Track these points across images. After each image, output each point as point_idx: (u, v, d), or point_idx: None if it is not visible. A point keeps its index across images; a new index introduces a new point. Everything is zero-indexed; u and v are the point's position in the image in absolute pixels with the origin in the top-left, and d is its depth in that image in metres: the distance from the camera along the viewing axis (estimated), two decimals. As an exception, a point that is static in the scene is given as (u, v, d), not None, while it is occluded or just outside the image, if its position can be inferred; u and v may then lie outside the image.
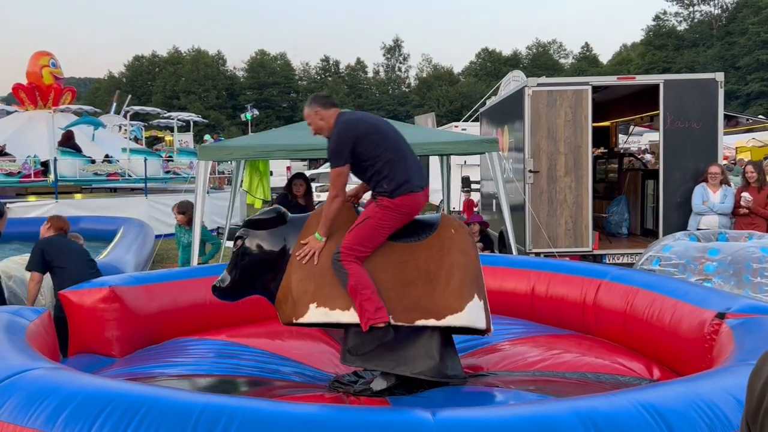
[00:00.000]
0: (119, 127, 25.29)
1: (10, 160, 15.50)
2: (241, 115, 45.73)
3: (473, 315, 3.91)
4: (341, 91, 72.17)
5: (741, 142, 20.80)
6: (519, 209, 8.67)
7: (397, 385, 3.92)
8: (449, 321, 3.87)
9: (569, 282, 5.32)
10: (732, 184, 8.48)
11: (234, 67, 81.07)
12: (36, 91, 20.63)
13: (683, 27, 69.21)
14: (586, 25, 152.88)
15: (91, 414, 2.39)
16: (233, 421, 2.33)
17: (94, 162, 16.38)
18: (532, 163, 8.45)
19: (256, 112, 49.38)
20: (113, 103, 33.53)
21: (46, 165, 15.52)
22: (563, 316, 5.27)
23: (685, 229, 7.76)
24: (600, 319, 4.98)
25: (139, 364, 4.34)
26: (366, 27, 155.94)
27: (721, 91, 8.42)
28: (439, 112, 50.90)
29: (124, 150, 17.71)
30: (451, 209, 11.25)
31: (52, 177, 15.07)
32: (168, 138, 29.79)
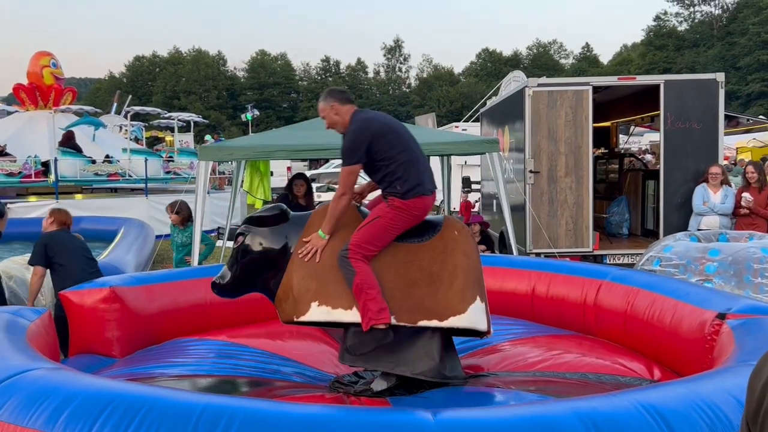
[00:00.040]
0: (120, 128, 25.30)
1: (10, 161, 15.50)
2: (242, 116, 45.73)
3: (475, 317, 3.91)
4: (342, 92, 72.03)
5: (741, 143, 20.81)
6: (519, 209, 8.67)
7: (397, 385, 3.92)
8: (452, 322, 3.86)
9: (570, 282, 5.32)
10: (732, 185, 8.48)
11: (234, 68, 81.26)
12: (36, 92, 20.62)
13: (684, 27, 69.23)
14: (586, 26, 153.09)
15: (91, 414, 2.39)
16: (233, 422, 2.33)
17: (94, 162, 16.37)
18: (533, 163, 8.45)
19: (257, 112, 49.38)
20: (114, 104, 33.56)
21: (46, 165, 15.51)
22: (564, 317, 5.27)
23: (685, 229, 7.76)
24: (600, 320, 4.98)
25: (140, 365, 4.34)
26: (366, 27, 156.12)
27: (721, 92, 8.42)
28: (439, 113, 50.91)
29: (125, 150, 17.70)
30: (451, 210, 11.25)
31: (52, 177, 15.06)
32: (168, 138, 29.79)
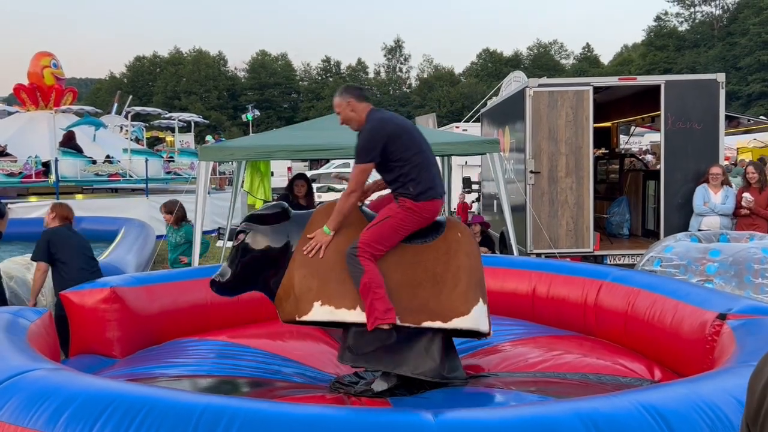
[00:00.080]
0: (120, 128, 25.30)
1: (11, 161, 15.51)
2: (242, 116, 45.71)
3: (478, 318, 3.92)
4: (342, 92, 72.02)
5: (742, 143, 20.80)
6: (520, 210, 8.66)
7: (398, 385, 3.92)
8: (455, 324, 3.86)
9: (570, 283, 5.32)
10: (733, 185, 8.47)
11: (235, 68, 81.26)
12: (37, 92, 20.62)
13: (684, 28, 69.20)
14: (587, 26, 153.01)
15: (92, 415, 2.39)
16: (234, 422, 2.33)
17: (95, 162, 16.37)
18: (533, 163, 8.45)
19: (257, 112, 49.35)
20: (114, 104, 33.57)
21: (47, 165, 15.52)
22: (564, 317, 5.27)
23: (686, 229, 7.76)
24: (601, 320, 4.97)
25: (140, 365, 4.34)
26: (367, 27, 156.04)
27: (722, 92, 8.42)
28: (440, 113, 50.88)
29: (125, 150, 17.69)
30: (452, 210, 11.24)
31: (53, 177, 15.07)
32: (169, 138, 29.77)
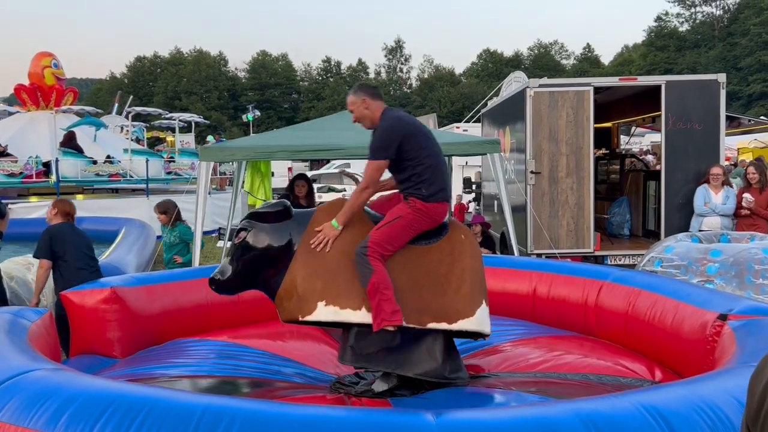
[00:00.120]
0: (121, 128, 25.31)
1: (11, 161, 15.51)
2: (243, 116, 45.67)
3: (482, 320, 3.94)
4: (343, 92, 71.98)
5: (743, 143, 20.78)
6: (520, 210, 8.66)
7: (398, 386, 3.92)
8: (460, 325, 3.86)
9: (571, 283, 5.32)
10: (734, 186, 8.47)
11: (236, 68, 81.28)
12: (38, 92, 20.63)
13: (685, 28, 69.17)
14: (587, 26, 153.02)
15: (92, 415, 2.38)
16: (234, 423, 2.33)
17: (95, 163, 16.38)
18: (534, 164, 8.44)
19: (258, 112, 49.31)
20: (115, 104, 33.57)
21: (47, 166, 15.52)
22: (565, 318, 5.26)
23: (686, 230, 7.75)
24: (602, 321, 4.97)
25: (141, 365, 4.34)
26: (367, 28, 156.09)
27: (722, 92, 8.42)
28: (440, 113, 50.85)
29: (126, 151, 17.70)
30: (449, 211, 11.24)
31: (53, 178, 15.07)
32: (169, 139, 29.78)
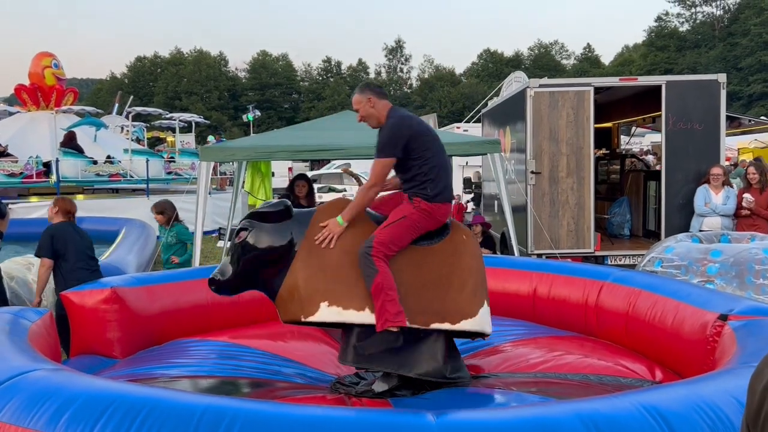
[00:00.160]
0: (121, 128, 25.31)
1: (12, 161, 15.51)
2: (243, 116, 45.67)
3: (484, 320, 3.95)
4: (343, 92, 72.13)
5: (743, 144, 20.77)
6: (521, 210, 8.66)
7: (399, 386, 3.92)
8: (463, 325, 3.87)
9: (571, 283, 5.32)
10: (734, 186, 8.47)
11: (236, 68, 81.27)
12: (38, 92, 20.63)
13: (685, 28, 69.15)
14: (587, 26, 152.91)
15: (92, 415, 2.38)
16: (235, 423, 2.33)
17: (96, 163, 16.38)
18: (534, 164, 8.44)
19: (258, 113, 49.30)
20: (115, 104, 33.57)
21: (48, 166, 15.52)
22: (565, 318, 5.26)
23: (687, 230, 7.75)
24: (602, 321, 4.97)
25: (141, 365, 4.34)
26: (368, 28, 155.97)
27: (723, 93, 8.42)
28: (440, 113, 50.86)
29: (126, 151, 17.71)
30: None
31: (54, 178, 15.07)
32: (170, 139, 29.79)
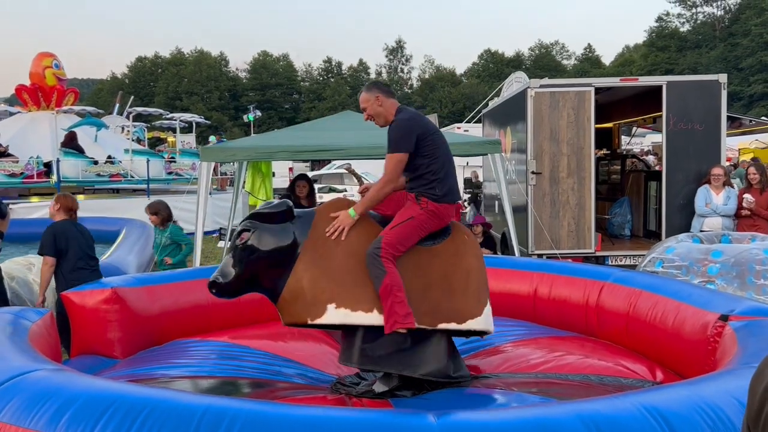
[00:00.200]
0: (122, 128, 25.32)
1: (12, 161, 15.52)
2: (244, 117, 45.71)
3: (488, 319, 3.98)
4: (343, 93, 72.17)
5: (744, 144, 20.78)
6: (521, 211, 8.66)
7: (399, 386, 3.91)
8: (469, 325, 3.88)
9: (572, 284, 5.31)
10: (735, 186, 8.46)
11: (236, 68, 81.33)
12: (39, 92, 20.65)
13: (686, 28, 69.17)
14: (588, 27, 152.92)
15: (93, 416, 2.38)
16: (235, 423, 2.33)
17: (96, 163, 16.40)
18: (535, 164, 8.44)
19: (259, 113, 49.34)
20: (116, 104, 33.58)
21: (48, 166, 15.53)
22: (566, 318, 5.26)
23: (688, 230, 7.75)
24: (603, 321, 4.97)
25: (142, 366, 4.34)
26: (368, 28, 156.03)
27: (724, 93, 8.41)
28: (441, 114, 50.90)
29: (127, 151, 17.72)
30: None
31: (54, 178, 15.08)
32: (170, 139, 29.80)
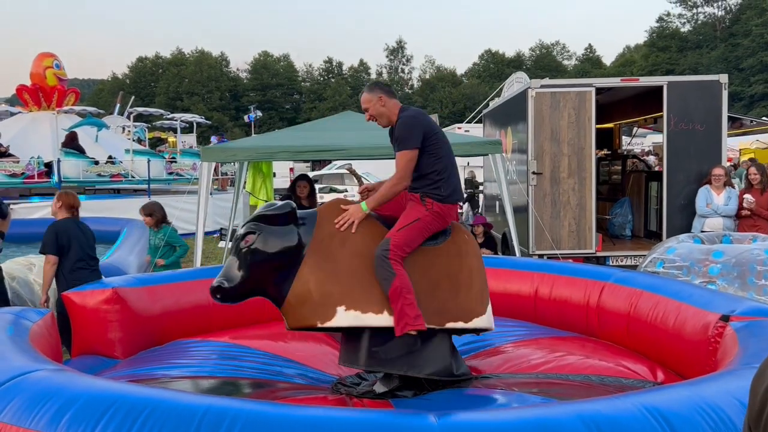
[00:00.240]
0: (122, 129, 25.32)
1: (13, 161, 15.54)
2: (245, 117, 45.76)
3: (491, 317, 4.02)
4: (344, 93, 72.18)
5: (744, 144, 20.78)
6: (522, 211, 8.66)
7: (400, 387, 3.91)
8: (475, 323, 3.92)
9: (573, 284, 5.31)
10: (736, 187, 8.46)
11: (237, 69, 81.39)
12: (40, 93, 20.66)
13: (687, 29, 69.18)
14: (589, 27, 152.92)
15: (94, 416, 2.38)
16: (236, 423, 2.33)
17: (97, 163, 16.41)
18: (536, 164, 8.44)
19: (259, 113, 49.37)
20: (117, 105, 33.57)
21: (49, 166, 15.54)
22: (567, 319, 5.26)
23: (689, 231, 7.74)
24: (604, 322, 4.96)
25: (142, 366, 4.34)
26: (369, 28, 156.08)
27: (724, 93, 8.41)
28: (442, 114, 50.93)
29: (128, 151, 17.72)
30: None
31: (55, 178, 15.09)
32: (171, 139, 29.81)
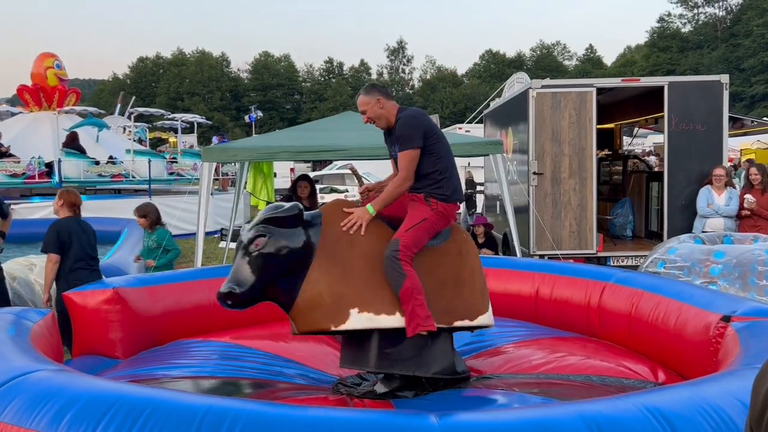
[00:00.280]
0: (123, 129, 25.32)
1: (14, 161, 15.56)
2: (245, 117, 45.78)
3: (491, 315, 4.06)
4: (345, 93, 72.18)
5: (746, 145, 20.77)
6: (523, 211, 8.65)
7: (401, 387, 3.91)
8: (480, 321, 3.97)
9: (573, 284, 5.31)
10: (736, 187, 8.45)
11: (238, 69, 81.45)
12: (40, 93, 20.67)
13: (688, 29, 69.16)
14: (589, 27, 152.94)
15: (94, 416, 2.38)
16: (237, 424, 2.33)
17: (98, 163, 16.42)
18: (537, 165, 8.43)
19: (260, 113, 49.40)
20: (117, 105, 33.55)
21: (50, 166, 15.56)
22: (567, 319, 5.25)
23: (689, 231, 7.74)
24: (604, 322, 4.96)
25: (143, 366, 4.34)
26: (370, 29, 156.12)
27: (725, 93, 8.40)
28: (442, 114, 50.92)
29: (128, 151, 17.73)
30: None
31: (56, 178, 15.10)
32: (172, 140, 29.83)
